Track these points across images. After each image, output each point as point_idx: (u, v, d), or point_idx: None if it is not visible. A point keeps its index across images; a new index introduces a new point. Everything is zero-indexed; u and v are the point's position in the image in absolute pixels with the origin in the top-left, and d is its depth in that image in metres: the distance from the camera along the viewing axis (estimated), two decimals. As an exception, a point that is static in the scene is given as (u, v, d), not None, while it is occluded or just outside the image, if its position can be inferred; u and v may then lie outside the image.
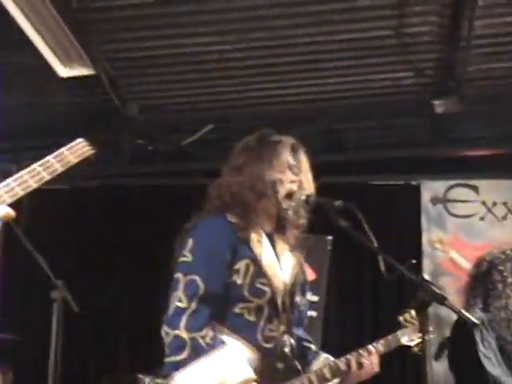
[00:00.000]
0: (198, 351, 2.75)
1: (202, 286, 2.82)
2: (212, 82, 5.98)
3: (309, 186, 3.06)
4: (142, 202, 7.04)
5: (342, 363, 2.95)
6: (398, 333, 3.03)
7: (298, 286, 3.06)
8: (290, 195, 3.00)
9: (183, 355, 2.74)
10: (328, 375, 2.92)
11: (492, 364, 4.08)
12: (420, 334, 2.96)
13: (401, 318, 3.04)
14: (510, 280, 4.25)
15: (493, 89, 5.94)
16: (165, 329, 2.81)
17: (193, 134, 6.56)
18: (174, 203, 6.62)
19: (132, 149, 6.67)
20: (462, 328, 4.18)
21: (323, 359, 3.07)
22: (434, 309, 6.23)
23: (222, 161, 3.16)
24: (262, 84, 5.99)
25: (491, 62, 5.60)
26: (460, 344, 4.24)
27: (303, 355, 3.07)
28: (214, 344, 2.77)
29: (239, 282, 2.87)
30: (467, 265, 6.22)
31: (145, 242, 6.71)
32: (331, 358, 3.05)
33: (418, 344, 2.99)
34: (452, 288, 6.39)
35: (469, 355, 4.13)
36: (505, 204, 6.65)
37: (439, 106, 5.85)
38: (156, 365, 5.39)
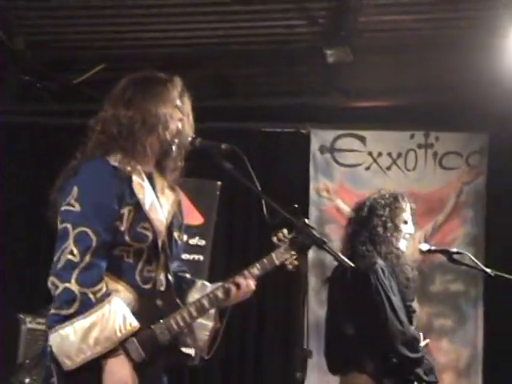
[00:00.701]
0: (87, 306, 2.74)
1: (94, 238, 2.79)
2: (105, 20, 5.87)
3: (190, 130, 3.06)
4: (29, 141, 6.87)
5: (220, 292, 2.98)
6: (273, 254, 3.02)
7: (176, 223, 3.07)
8: (177, 133, 3.01)
9: (71, 310, 2.73)
10: (207, 305, 2.96)
11: (402, 314, 4.17)
12: (293, 252, 3.01)
13: (274, 238, 3.05)
14: (389, 225, 4.35)
15: (383, 40, 6.04)
16: (53, 280, 2.77)
17: (84, 73, 6.44)
18: (64, 143, 6.49)
19: (19, 85, 6.49)
20: (363, 275, 4.18)
21: (200, 286, 3.10)
22: (317, 255, 6.46)
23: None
24: (154, 25, 5.93)
25: (382, 13, 5.69)
26: (363, 291, 4.21)
27: (179, 286, 3.10)
28: (103, 299, 2.78)
29: (122, 228, 2.86)
30: (351, 213, 6.39)
31: (31, 182, 6.58)
32: (207, 285, 3.09)
33: (291, 262, 3.03)
34: (337, 235, 6.50)
35: (373, 302, 4.16)
36: (390, 155, 6.79)
37: (330, 56, 5.91)
38: (39, 304, 5.37)
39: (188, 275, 3.18)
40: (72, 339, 2.72)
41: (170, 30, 5.97)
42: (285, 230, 3.03)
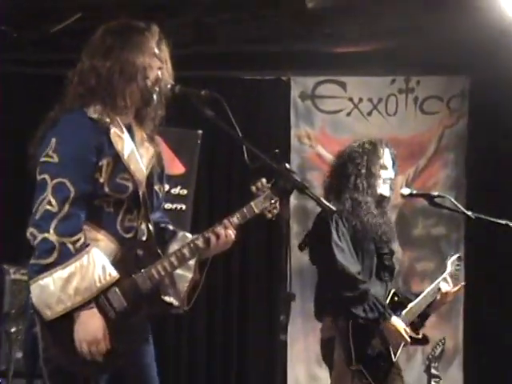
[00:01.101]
0: (65, 256, 2.76)
1: (72, 188, 2.80)
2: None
3: (169, 77, 3.05)
4: (5, 91, 6.79)
5: (200, 241, 3.00)
6: (252, 203, 3.04)
7: (156, 174, 3.08)
8: (157, 81, 3.00)
9: (50, 259, 2.75)
10: (188, 254, 2.98)
11: (343, 254, 4.25)
12: (273, 201, 3.03)
13: (253, 188, 3.06)
14: (363, 171, 4.41)
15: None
16: (31, 230, 2.79)
17: (61, 23, 6.36)
18: (41, 93, 6.42)
19: (-4, 35, 6.41)
20: (320, 219, 4.37)
21: (181, 237, 3.11)
22: (299, 201, 6.49)
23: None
24: (132, -28, 5.85)
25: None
26: (317, 234, 4.38)
27: (161, 237, 3.11)
28: (82, 250, 2.79)
29: (101, 180, 2.87)
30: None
31: (9, 132, 6.52)
32: (188, 236, 3.09)
33: (270, 211, 3.07)
34: (318, 182, 6.51)
35: (323, 245, 4.28)
36: (370, 100, 6.79)
37: (310, 1, 5.86)
38: (22, 255, 5.37)
39: (170, 226, 3.19)
40: (51, 289, 2.75)
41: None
42: (263, 180, 3.05)
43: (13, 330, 5.21)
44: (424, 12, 6.05)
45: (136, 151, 2.98)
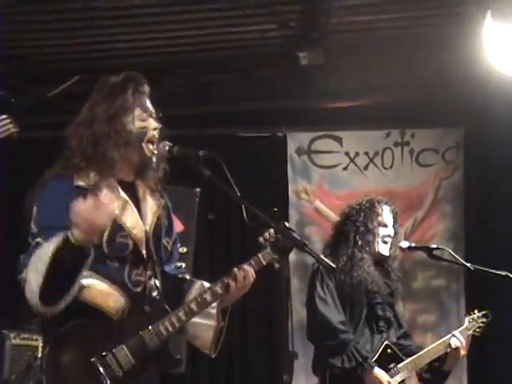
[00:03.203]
0: None
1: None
2: (77, 32, 5.85)
3: (155, 123, 3.07)
4: (4, 156, 6.82)
5: (208, 295, 3.01)
6: (260, 254, 3.08)
7: (163, 227, 3.10)
8: (153, 142, 3.03)
9: None
10: (195, 309, 2.98)
11: (326, 305, 4.35)
12: (280, 252, 3.04)
13: (260, 239, 3.09)
14: (361, 229, 4.46)
15: (355, 41, 6.07)
16: None
17: (58, 86, 6.42)
18: (40, 156, 6.46)
19: (-7, 100, 6.47)
20: (312, 273, 4.51)
21: (199, 286, 3.12)
22: (299, 257, 6.46)
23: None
24: (127, 35, 5.91)
25: (353, 14, 5.72)
26: (308, 287, 4.53)
27: (179, 287, 3.13)
28: None
29: (97, 242, 2.84)
30: (330, 214, 6.42)
31: (7, 196, 6.52)
32: (206, 285, 3.11)
33: (278, 261, 3.07)
34: (317, 236, 6.58)
35: (309, 297, 4.45)
36: (366, 154, 6.82)
37: (303, 58, 5.94)
38: (23, 320, 5.36)
39: (187, 276, 3.21)
40: None
41: (143, 39, 5.97)
42: (271, 231, 3.06)
43: (12, 396, 5.15)
44: (416, 66, 6.14)
45: (134, 207, 3.00)
